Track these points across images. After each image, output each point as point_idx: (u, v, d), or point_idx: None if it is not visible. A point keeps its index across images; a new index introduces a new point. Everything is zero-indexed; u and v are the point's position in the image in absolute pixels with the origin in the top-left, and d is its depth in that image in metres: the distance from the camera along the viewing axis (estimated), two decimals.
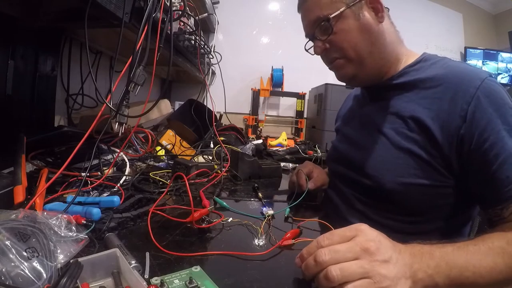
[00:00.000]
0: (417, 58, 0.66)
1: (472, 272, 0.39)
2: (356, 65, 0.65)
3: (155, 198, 0.60)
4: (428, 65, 0.63)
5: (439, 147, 0.55)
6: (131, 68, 0.61)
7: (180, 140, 1.15)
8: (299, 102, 2.43)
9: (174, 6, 0.84)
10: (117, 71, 0.66)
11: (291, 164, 1.19)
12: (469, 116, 0.52)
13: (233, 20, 2.44)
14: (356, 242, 0.36)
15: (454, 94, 0.55)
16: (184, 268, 0.37)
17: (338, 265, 0.34)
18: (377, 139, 0.64)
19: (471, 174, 0.54)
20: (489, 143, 0.51)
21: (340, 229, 0.38)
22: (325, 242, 0.37)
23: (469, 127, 0.52)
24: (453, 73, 0.58)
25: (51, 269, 0.31)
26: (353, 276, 0.33)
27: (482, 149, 0.51)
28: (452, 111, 0.54)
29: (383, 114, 0.65)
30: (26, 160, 0.62)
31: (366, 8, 0.62)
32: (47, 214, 0.40)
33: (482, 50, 2.77)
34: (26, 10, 0.71)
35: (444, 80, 0.57)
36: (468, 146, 0.53)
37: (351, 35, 0.62)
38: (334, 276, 0.33)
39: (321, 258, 0.35)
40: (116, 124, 0.68)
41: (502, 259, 0.40)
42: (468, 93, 0.53)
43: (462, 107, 0.53)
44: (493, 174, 0.50)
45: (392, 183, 0.59)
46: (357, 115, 0.76)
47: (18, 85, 0.79)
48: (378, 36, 0.63)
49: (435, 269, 0.37)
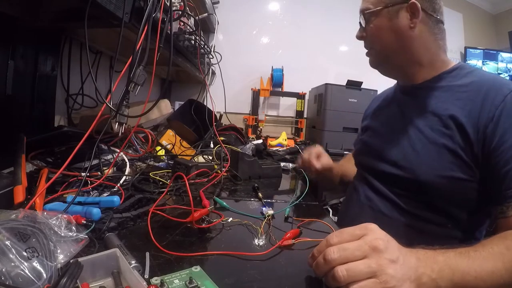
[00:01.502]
0: (454, 66, 0.72)
1: (474, 276, 0.40)
2: (381, 58, 0.75)
3: (155, 198, 0.60)
4: (464, 73, 0.69)
5: (470, 143, 0.60)
6: (131, 68, 0.61)
7: (180, 140, 1.15)
8: (299, 102, 2.43)
9: (174, 6, 0.84)
10: (117, 71, 0.67)
11: (291, 164, 1.19)
12: (495, 118, 0.58)
13: (233, 20, 2.44)
14: (365, 241, 0.36)
15: (485, 97, 0.60)
16: (184, 268, 0.37)
17: (345, 265, 0.34)
18: (413, 134, 0.69)
19: (489, 170, 0.58)
20: (508, 144, 0.56)
21: (349, 228, 0.39)
22: (334, 240, 0.37)
23: (493, 128, 0.58)
24: (485, 80, 0.64)
25: (51, 269, 0.31)
26: (359, 276, 0.34)
27: (501, 149, 0.56)
28: (482, 112, 0.60)
29: (418, 111, 0.70)
30: (26, 160, 0.62)
31: (404, 12, 0.68)
32: (47, 214, 0.40)
33: (482, 50, 2.76)
34: (26, 10, 0.71)
35: (477, 85, 0.64)
36: (490, 144, 0.58)
37: (381, 32, 0.71)
38: (340, 276, 0.34)
39: (330, 256, 0.35)
40: (116, 124, 0.68)
41: (502, 264, 0.42)
42: (498, 98, 0.59)
43: (490, 109, 0.59)
44: (506, 173, 0.55)
45: (428, 175, 0.63)
46: (391, 113, 0.80)
47: (18, 85, 0.79)
48: (406, 40, 0.69)
49: (439, 273, 0.38)
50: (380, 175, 0.75)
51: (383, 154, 0.75)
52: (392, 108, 0.81)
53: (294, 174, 1.12)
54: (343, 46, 2.60)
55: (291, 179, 1.06)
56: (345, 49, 2.61)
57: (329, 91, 2.01)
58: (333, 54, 2.59)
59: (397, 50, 0.71)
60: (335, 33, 2.53)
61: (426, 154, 0.65)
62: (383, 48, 0.72)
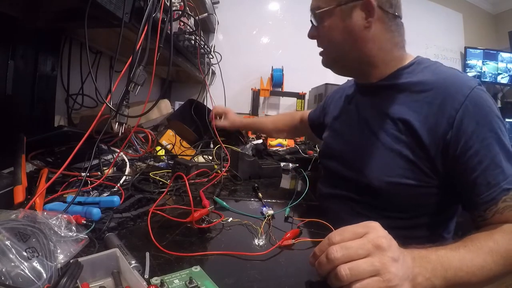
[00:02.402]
0: (411, 61, 0.68)
1: (466, 272, 0.41)
2: (333, 59, 0.72)
3: (155, 198, 0.60)
4: (420, 69, 0.65)
5: (425, 149, 0.58)
6: (131, 68, 0.61)
7: (180, 140, 1.15)
8: (299, 102, 2.43)
9: (174, 6, 0.84)
10: (117, 71, 0.67)
11: (291, 164, 1.19)
12: (456, 123, 0.55)
13: (233, 20, 2.44)
14: (368, 239, 0.36)
15: (443, 100, 0.57)
16: (184, 268, 0.37)
17: (348, 264, 0.34)
18: (369, 138, 0.67)
19: (456, 177, 0.57)
20: (473, 150, 0.54)
21: (351, 226, 0.39)
22: (337, 239, 0.37)
23: (456, 133, 0.55)
24: (443, 79, 0.60)
25: (51, 269, 0.31)
26: (363, 275, 0.33)
27: (466, 156, 0.54)
28: (440, 116, 0.57)
29: (375, 114, 0.68)
30: (26, 160, 0.62)
31: (358, 11, 0.63)
32: (47, 214, 0.40)
33: (482, 50, 2.76)
34: (26, 10, 0.71)
35: (435, 85, 0.60)
36: (454, 151, 0.56)
37: (333, 33, 0.66)
38: (343, 275, 0.33)
39: (332, 255, 0.35)
40: (116, 124, 0.68)
41: (491, 257, 0.43)
42: (457, 100, 0.55)
43: (450, 113, 0.56)
44: (475, 179, 0.54)
45: (380, 181, 0.62)
46: (350, 113, 0.78)
47: (18, 85, 0.79)
48: (360, 41, 0.65)
49: (432, 272, 0.39)
50: (342, 179, 0.73)
51: (342, 158, 0.74)
52: (351, 108, 0.79)
53: (294, 174, 1.12)
54: None
55: (291, 179, 1.06)
56: None
57: (329, 91, 1.99)
58: None
59: (349, 52, 0.67)
60: None
61: (378, 159, 0.64)
62: (335, 49, 0.69)
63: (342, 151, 0.74)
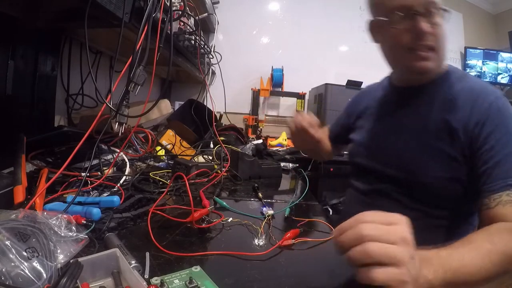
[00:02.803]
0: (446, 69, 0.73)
1: (464, 273, 0.42)
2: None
3: (155, 198, 0.60)
4: (455, 78, 0.71)
5: (462, 146, 0.65)
6: (131, 68, 0.61)
7: (180, 140, 1.15)
8: (299, 102, 2.42)
9: (174, 6, 0.84)
10: (117, 71, 0.67)
11: (291, 164, 1.19)
12: (481, 122, 0.63)
13: (233, 20, 2.44)
14: (396, 229, 0.36)
15: (473, 105, 0.65)
16: (184, 268, 0.37)
17: (377, 243, 0.34)
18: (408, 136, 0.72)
19: (471, 169, 0.64)
20: (489, 145, 0.61)
21: (381, 212, 0.39)
22: (368, 219, 0.37)
23: (479, 131, 0.63)
24: (475, 88, 0.68)
25: (51, 269, 0.31)
26: (387, 259, 0.34)
27: (482, 150, 0.61)
28: (471, 118, 0.64)
29: (412, 114, 0.72)
30: (26, 160, 0.62)
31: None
32: (47, 214, 0.40)
33: (482, 50, 2.76)
34: (26, 10, 0.71)
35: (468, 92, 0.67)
36: (475, 146, 0.63)
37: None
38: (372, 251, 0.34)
39: (365, 231, 0.35)
40: (116, 124, 0.68)
41: (488, 258, 0.45)
42: (484, 106, 0.64)
43: (478, 116, 0.64)
44: (485, 170, 0.60)
45: (427, 176, 0.67)
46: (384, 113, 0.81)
47: (18, 85, 0.79)
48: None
49: (434, 274, 0.39)
50: (378, 176, 0.76)
51: (380, 156, 0.77)
52: (384, 108, 0.81)
53: (294, 174, 1.12)
54: (343, 46, 2.60)
55: (291, 179, 1.06)
56: (345, 49, 2.60)
57: (329, 91, 2.00)
58: (333, 54, 2.58)
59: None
60: (335, 33, 2.52)
61: (423, 156, 0.68)
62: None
63: (377, 150, 0.78)
